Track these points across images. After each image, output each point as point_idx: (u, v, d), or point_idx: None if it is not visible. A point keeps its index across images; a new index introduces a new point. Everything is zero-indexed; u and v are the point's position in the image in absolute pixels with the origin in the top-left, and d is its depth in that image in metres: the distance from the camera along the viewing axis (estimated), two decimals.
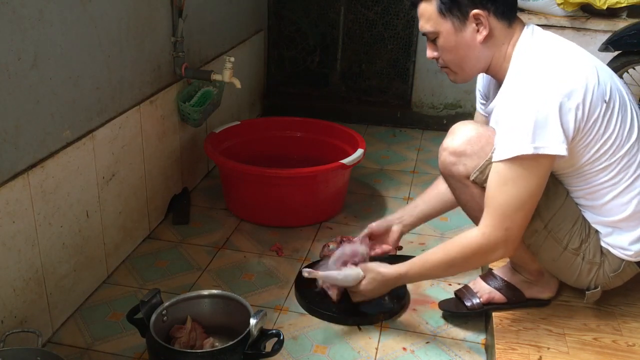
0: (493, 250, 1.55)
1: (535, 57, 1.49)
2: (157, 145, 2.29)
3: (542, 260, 1.69)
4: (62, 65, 1.70)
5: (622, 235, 1.59)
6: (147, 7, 2.14)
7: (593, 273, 1.64)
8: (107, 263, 2.04)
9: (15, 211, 1.55)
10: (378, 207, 2.62)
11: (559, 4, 2.91)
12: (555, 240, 1.62)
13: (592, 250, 1.62)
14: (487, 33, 1.52)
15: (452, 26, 1.53)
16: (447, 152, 1.66)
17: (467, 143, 1.61)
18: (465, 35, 1.54)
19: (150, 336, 1.52)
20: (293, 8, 3.61)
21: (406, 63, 3.56)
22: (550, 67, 1.46)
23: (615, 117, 1.49)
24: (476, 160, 1.60)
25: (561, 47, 1.52)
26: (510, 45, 1.55)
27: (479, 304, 1.82)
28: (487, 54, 1.56)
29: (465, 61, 1.58)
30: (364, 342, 1.80)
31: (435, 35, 1.56)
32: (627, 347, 1.62)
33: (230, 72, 2.40)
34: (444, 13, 1.53)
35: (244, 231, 2.39)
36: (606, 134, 1.48)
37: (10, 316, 1.58)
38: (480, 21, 1.51)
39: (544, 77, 1.44)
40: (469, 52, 1.56)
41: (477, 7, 1.50)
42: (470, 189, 1.65)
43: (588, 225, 1.62)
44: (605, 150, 1.50)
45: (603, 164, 1.51)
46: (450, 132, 1.69)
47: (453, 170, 1.66)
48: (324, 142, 2.78)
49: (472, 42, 1.54)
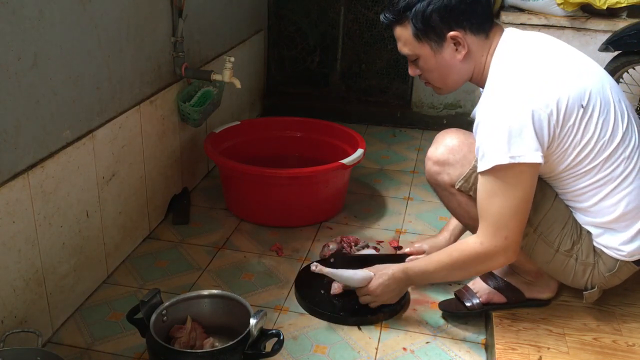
0: (493, 259, 1.56)
1: (509, 66, 1.50)
2: (157, 145, 2.29)
3: (536, 263, 1.69)
4: (62, 65, 1.70)
5: (613, 236, 1.58)
6: (147, 7, 2.14)
7: (588, 273, 1.63)
8: (107, 263, 2.04)
9: (15, 211, 1.55)
10: (378, 207, 2.62)
11: (559, 4, 2.91)
12: (546, 243, 1.61)
13: (584, 251, 1.61)
14: (465, 52, 1.54)
15: (430, 49, 1.55)
16: (431, 162, 1.70)
17: (449, 152, 1.65)
18: (445, 55, 1.56)
19: (150, 336, 1.52)
20: (293, 8, 3.61)
21: (406, 63, 3.54)
22: (523, 75, 1.46)
23: (594, 121, 1.47)
24: (459, 168, 1.63)
25: (539, 53, 1.52)
26: (489, 54, 1.56)
27: (478, 304, 1.82)
28: (468, 68, 1.58)
29: (448, 77, 1.61)
30: (364, 342, 1.80)
31: (415, 57, 1.60)
32: (627, 347, 1.62)
33: (230, 72, 2.40)
34: (420, 37, 1.55)
35: (244, 231, 2.39)
36: (584, 138, 1.48)
37: (10, 316, 1.58)
38: (457, 41, 1.52)
39: (517, 86, 1.45)
40: (450, 70, 1.58)
41: (453, 28, 1.51)
42: (457, 197, 1.68)
43: (579, 227, 1.61)
44: (586, 154, 1.49)
45: (585, 167, 1.51)
46: (434, 140, 1.73)
47: (438, 179, 1.69)
48: (324, 142, 2.77)
49: (452, 61, 1.56)
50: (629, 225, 1.56)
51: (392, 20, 1.58)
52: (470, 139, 1.61)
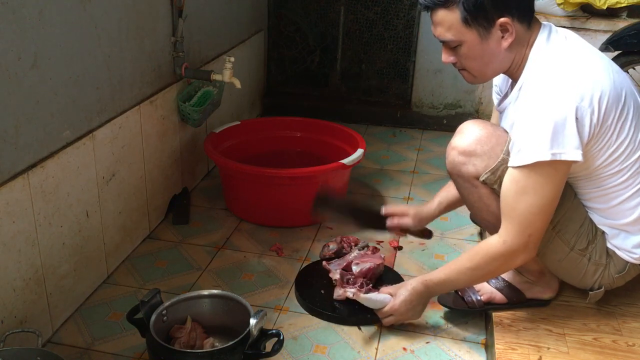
0: (515, 257, 1.54)
1: (551, 61, 1.47)
2: (157, 145, 2.29)
3: (547, 261, 1.68)
4: (62, 65, 1.70)
5: (628, 238, 1.59)
6: (147, 7, 2.14)
7: (598, 274, 1.64)
8: (107, 263, 2.04)
9: (15, 211, 1.55)
10: (378, 207, 2.61)
11: (559, 4, 2.91)
12: (563, 241, 1.61)
13: (598, 251, 1.62)
14: (512, 39, 1.49)
15: (478, 35, 1.49)
16: (456, 152, 1.62)
17: (477, 143, 1.58)
18: (491, 43, 1.50)
19: (150, 336, 1.52)
20: (293, 8, 3.61)
21: (406, 63, 3.56)
22: (566, 71, 1.44)
23: (629, 122, 1.47)
24: (486, 160, 1.57)
25: (577, 50, 1.50)
26: (529, 46, 1.53)
27: (479, 301, 1.81)
28: (509, 57, 1.54)
29: (489, 66, 1.56)
30: (364, 342, 1.80)
31: (458, 43, 1.52)
32: (627, 347, 1.62)
33: (230, 72, 2.40)
34: (469, 22, 1.47)
35: (244, 231, 2.39)
36: (619, 138, 1.47)
37: (10, 316, 1.58)
38: (506, 28, 1.48)
39: (560, 82, 1.43)
40: (494, 59, 1.53)
41: (504, 14, 1.46)
42: (479, 190, 1.62)
43: (595, 227, 1.62)
44: (618, 155, 1.49)
45: (615, 168, 1.50)
46: (458, 130, 1.64)
47: (462, 170, 1.62)
48: (324, 142, 2.78)
49: (497, 49, 1.51)
50: None
51: (438, 3, 1.48)
52: (498, 131, 1.58)
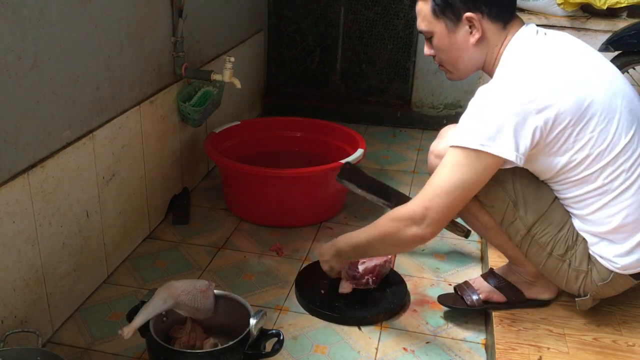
0: (407, 226, 1.55)
1: (515, 62, 1.50)
2: (157, 145, 2.29)
3: (532, 264, 1.69)
4: (62, 65, 1.70)
5: (609, 247, 1.56)
6: (147, 7, 2.14)
7: (580, 280, 1.62)
8: (107, 263, 2.04)
9: (15, 211, 1.55)
10: (377, 207, 2.61)
11: (559, 4, 2.91)
12: (539, 245, 1.61)
13: (578, 257, 1.60)
14: (479, 36, 1.53)
15: (445, 27, 1.55)
16: (433, 155, 1.71)
17: None
18: (458, 37, 1.55)
19: (150, 336, 1.52)
20: (293, 8, 3.61)
21: (406, 63, 3.56)
22: (524, 77, 1.46)
23: (590, 129, 1.45)
24: None
25: (547, 55, 1.50)
26: (503, 46, 1.55)
27: (478, 300, 1.82)
28: (479, 55, 1.57)
29: (459, 61, 1.60)
30: (364, 342, 1.80)
31: (430, 34, 1.59)
32: (627, 347, 1.62)
33: (230, 72, 2.40)
34: (437, 14, 1.54)
35: (244, 231, 2.39)
36: (577, 144, 1.46)
37: (10, 316, 1.58)
38: (472, 24, 1.52)
39: (516, 81, 1.45)
40: (462, 54, 1.58)
41: (470, 9, 1.51)
42: None
43: (576, 233, 1.60)
44: (580, 161, 1.47)
45: (580, 174, 1.49)
46: (438, 135, 1.73)
47: None
48: (324, 142, 2.78)
49: (465, 44, 1.56)
50: (626, 238, 1.53)
51: None
52: None
